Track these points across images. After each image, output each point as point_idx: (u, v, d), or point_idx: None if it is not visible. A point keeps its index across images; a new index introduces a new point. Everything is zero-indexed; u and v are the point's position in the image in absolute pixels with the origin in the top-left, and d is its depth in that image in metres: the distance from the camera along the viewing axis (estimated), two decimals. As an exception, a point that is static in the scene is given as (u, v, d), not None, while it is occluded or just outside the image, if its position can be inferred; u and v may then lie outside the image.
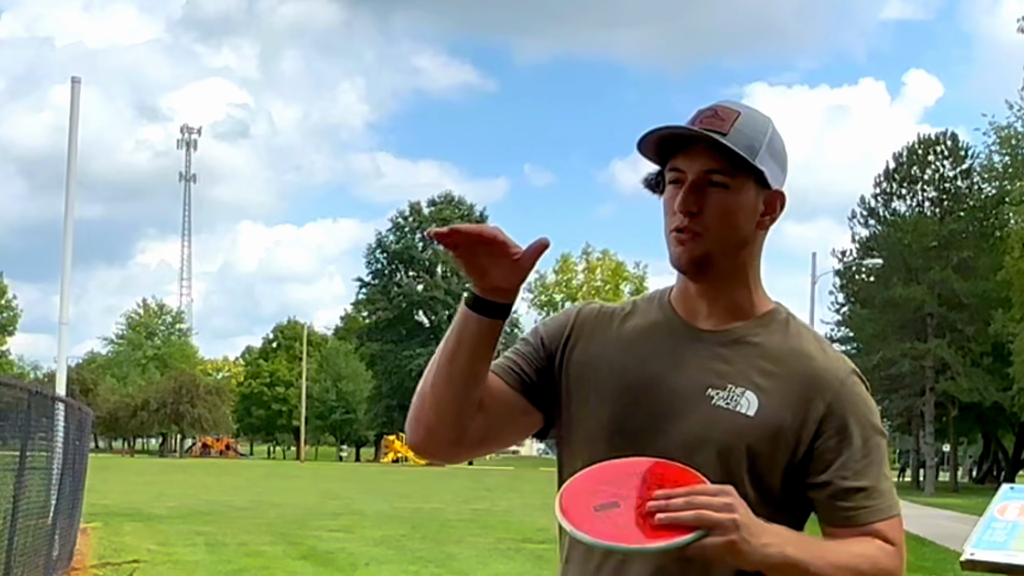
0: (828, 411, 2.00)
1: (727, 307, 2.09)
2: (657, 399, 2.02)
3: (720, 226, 2.00)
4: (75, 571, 13.04)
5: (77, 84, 17.00)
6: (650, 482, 1.82)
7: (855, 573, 1.92)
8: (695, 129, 1.98)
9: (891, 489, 2.05)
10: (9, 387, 10.98)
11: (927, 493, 55.64)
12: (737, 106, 2.04)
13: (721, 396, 2.00)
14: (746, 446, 1.96)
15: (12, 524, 9.56)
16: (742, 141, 1.98)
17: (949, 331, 57.75)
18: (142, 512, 23.41)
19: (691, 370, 2.04)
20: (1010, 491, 4.12)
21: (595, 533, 1.74)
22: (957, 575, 14.48)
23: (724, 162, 1.97)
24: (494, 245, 1.86)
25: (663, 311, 2.14)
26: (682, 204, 1.99)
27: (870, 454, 2.01)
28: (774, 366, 2.04)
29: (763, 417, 1.98)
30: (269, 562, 14.54)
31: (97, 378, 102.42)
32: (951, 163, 61.37)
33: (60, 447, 12.74)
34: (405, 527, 21.07)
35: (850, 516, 1.99)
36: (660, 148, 2.04)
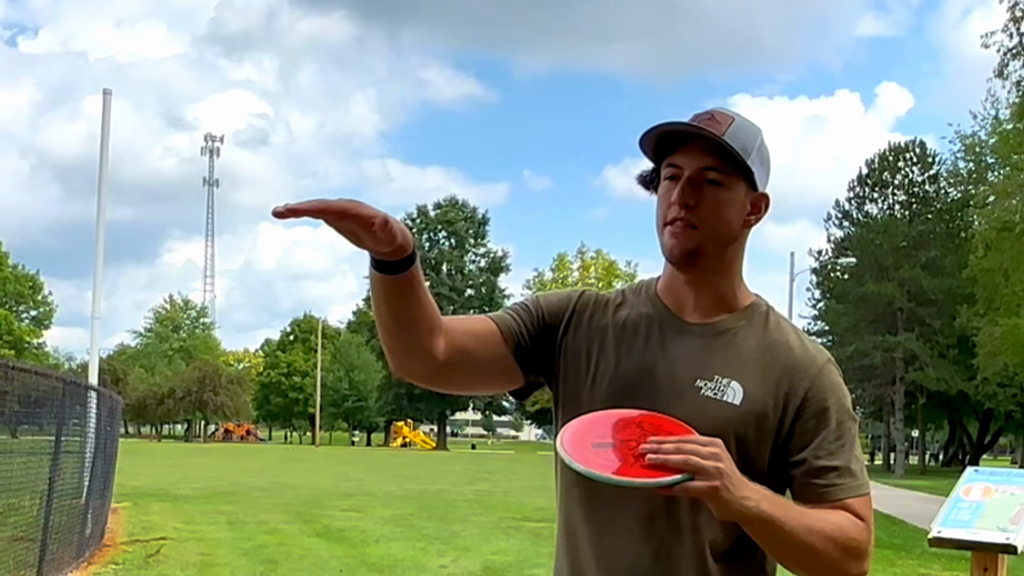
0: (806, 397, 2.02)
1: (712, 300, 2.09)
2: (649, 388, 2.03)
3: (713, 220, 2.01)
4: (106, 548, 13.03)
5: (108, 96, 16.98)
6: (646, 429, 1.86)
7: (825, 538, 1.93)
8: (697, 126, 1.98)
9: (862, 470, 2.06)
10: (45, 377, 10.99)
11: (897, 475, 55.60)
12: (731, 113, 2.05)
13: (709, 387, 2.02)
14: (734, 433, 1.97)
15: (48, 504, 9.57)
16: (737, 143, 1.99)
17: (918, 325, 57.73)
18: (168, 493, 23.39)
19: (680, 361, 2.05)
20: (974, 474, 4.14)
21: (589, 464, 1.77)
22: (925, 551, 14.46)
23: (720, 160, 1.99)
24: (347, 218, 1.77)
25: (652, 303, 2.14)
26: (679, 196, 1.99)
27: (843, 436, 2.03)
28: (757, 357, 2.05)
29: (748, 406, 2.00)
30: (286, 539, 14.53)
31: (127, 368, 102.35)
32: (919, 169, 61.34)
33: (92, 432, 12.74)
34: (413, 507, 21.06)
35: (823, 492, 2.00)
36: (658, 146, 2.05)
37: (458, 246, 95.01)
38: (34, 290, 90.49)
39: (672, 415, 1.95)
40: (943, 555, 13.24)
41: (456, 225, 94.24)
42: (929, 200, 60.64)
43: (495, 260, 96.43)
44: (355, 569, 11.67)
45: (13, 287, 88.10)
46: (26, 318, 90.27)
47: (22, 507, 9.25)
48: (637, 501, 1.95)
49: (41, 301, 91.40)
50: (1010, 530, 3.69)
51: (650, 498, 1.90)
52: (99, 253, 16.46)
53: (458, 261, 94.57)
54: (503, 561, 12.66)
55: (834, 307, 63.22)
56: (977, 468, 4.18)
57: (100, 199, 16.57)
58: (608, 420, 1.90)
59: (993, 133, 46.23)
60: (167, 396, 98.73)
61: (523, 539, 15.27)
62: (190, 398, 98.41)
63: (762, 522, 1.85)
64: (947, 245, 56.18)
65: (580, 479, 1.87)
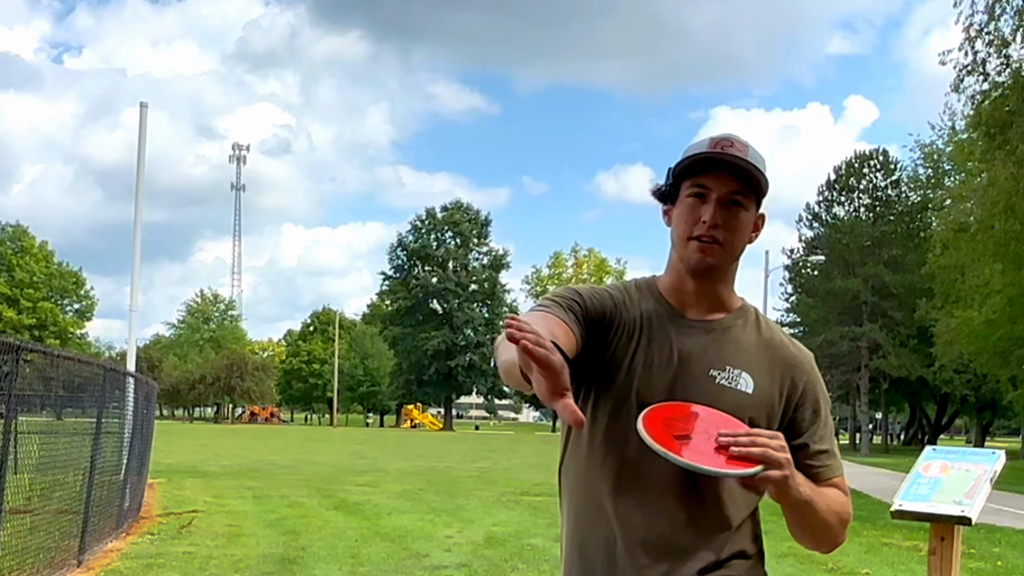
0: (804, 390, 2.15)
1: (711, 302, 2.14)
2: (671, 376, 2.09)
3: (734, 239, 2.07)
4: (143, 519, 13.04)
5: (145, 108, 16.96)
6: (709, 422, 1.94)
7: (835, 513, 2.09)
8: (732, 155, 2.01)
9: (839, 452, 2.21)
10: (87, 364, 10.99)
11: (862, 454, 55.67)
12: (743, 139, 2.08)
13: (723, 376, 2.08)
14: (748, 418, 2.02)
15: (90, 480, 9.58)
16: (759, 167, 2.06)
17: (881, 317, 57.79)
18: (199, 470, 23.40)
19: (693, 353, 2.10)
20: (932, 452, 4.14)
21: (689, 458, 1.84)
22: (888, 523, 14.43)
23: (742, 184, 2.04)
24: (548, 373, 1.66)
25: (658, 302, 2.17)
26: (712, 217, 2.03)
27: (829, 424, 2.18)
28: (759, 352, 2.14)
29: (759, 394, 2.09)
30: (307, 512, 14.54)
31: (162, 356, 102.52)
32: (882, 175, 61.33)
33: (130, 415, 12.74)
34: (421, 482, 21.07)
35: (818, 472, 2.12)
36: (687, 166, 2.07)
37: (463, 245, 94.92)
38: (77, 285, 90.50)
39: (692, 399, 2.02)
40: (904, 526, 13.27)
41: (461, 226, 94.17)
42: (891, 203, 60.62)
43: (496, 258, 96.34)
44: (369, 539, 11.67)
45: (58, 282, 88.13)
46: (70, 311, 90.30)
47: (66, 483, 9.26)
48: (669, 477, 1.98)
49: (84, 295, 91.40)
50: (965, 503, 3.69)
51: (680, 475, 1.95)
52: (136, 251, 16.46)
53: (463, 259, 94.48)
54: (504, 532, 12.67)
55: (805, 300, 63.19)
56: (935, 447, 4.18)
57: (137, 202, 16.56)
58: (671, 413, 1.96)
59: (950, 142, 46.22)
60: (198, 382, 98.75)
61: (522, 511, 15.28)
62: (219, 383, 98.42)
63: (805, 504, 1.99)
64: (907, 244, 56.23)
65: (610, 457, 2.05)
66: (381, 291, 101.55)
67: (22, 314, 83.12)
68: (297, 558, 10.06)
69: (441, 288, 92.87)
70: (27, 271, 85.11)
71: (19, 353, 7.13)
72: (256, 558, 10.02)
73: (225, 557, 10.04)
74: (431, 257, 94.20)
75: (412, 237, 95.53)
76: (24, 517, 8.11)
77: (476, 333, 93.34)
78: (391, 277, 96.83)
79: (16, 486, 7.72)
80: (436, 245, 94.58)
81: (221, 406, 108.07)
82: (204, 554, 10.18)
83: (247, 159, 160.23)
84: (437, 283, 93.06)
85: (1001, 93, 23.88)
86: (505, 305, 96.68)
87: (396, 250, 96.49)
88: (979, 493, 3.71)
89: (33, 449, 8.37)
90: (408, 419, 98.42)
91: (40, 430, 8.83)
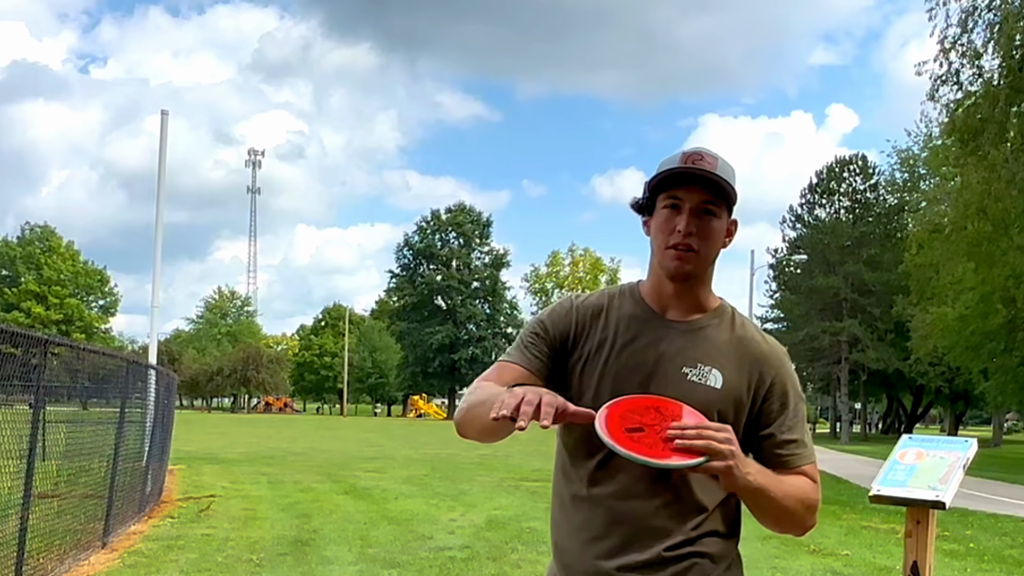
0: (772, 383, 2.16)
1: (690, 304, 2.18)
2: (645, 376, 2.13)
3: (707, 245, 2.11)
4: (164, 504, 13.04)
5: (166, 116, 16.94)
6: (664, 414, 1.97)
7: (795, 499, 2.10)
8: (701, 169, 2.06)
9: (811, 441, 2.20)
10: (111, 357, 10.99)
11: (842, 442, 55.65)
12: (713, 152, 2.13)
13: (694, 373, 2.12)
14: (716, 411, 2.07)
15: (114, 466, 9.58)
16: (725, 178, 2.08)
17: (860, 313, 57.77)
18: (217, 457, 23.42)
19: (668, 353, 2.14)
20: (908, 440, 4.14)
21: (631, 449, 1.88)
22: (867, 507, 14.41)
23: (713, 196, 2.08)
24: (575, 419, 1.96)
25: (638, 305, 2.21)
26: (687, 227, 2.08)
27: (798, 415, 2.17)
28: (731, 349, 2.16)
29: (727, 389, 2.12)
30: (318, 496, 14.55)
31: (181, 350, 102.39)
32: (861, 179, 61.31)
33: (152, 405, 12.75)
34: (426, 468, 21.07)
35: (785, 460, 2.14)
36: (660, 181, 2.11)
37: (466, 245, 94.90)
38: (102, 283, 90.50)
39: (664, 396, 2.05)
40: (882, 510, 13.27)
41: (464, 227, 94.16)
42: (870, 205, 60.61)
43: (497, 257, 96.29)
44: (377, 522, 11.68)
45: (84, 280, 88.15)
46: (95, 307, 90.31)
47: (92, 469, 9.26)
48: (641, 468, 1.98)
49: (108, 292, 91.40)
50: (939, 489, 3.68)
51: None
52: (157, 251, 16.44)
53: (466, 258, 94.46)
54: (504, 515, 12.67)
55: (788, 297, 63.18)
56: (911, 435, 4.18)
57: (159, 204, 16.54)
58: (631, 407, 1.99)
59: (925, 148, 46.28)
60: (216, 374, 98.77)
61: (522, 496, 15.28)
62: (236, 375, 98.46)
63: (756, 491, 2.01)
64: (885, 244, 56.20)
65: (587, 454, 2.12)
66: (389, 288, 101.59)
67: (50, 310, 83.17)
68: (309, 540, 10.07)
69: (445, 285, 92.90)
70: (54, 269, 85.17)
71: (47, 347, 7.13)
72: (271, 540, 10.02)
73: (241, 539, 10.04)
74: (436, 256, 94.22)
75: (418, 237, 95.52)
76: (52, 501, 8.11)
77: (478, 328, 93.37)
78: (398, 275, 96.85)
79: (44, 472, 7.72)
80: (440, 245, 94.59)
81: (237, 397, 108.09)
82: (221, 536, 10.19)
83: (262, 164, 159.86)
84: (441, 281, 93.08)
85: (974, 102, 23.88)
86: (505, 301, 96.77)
87: (403, 249, 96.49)
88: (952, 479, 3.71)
89: (60, 437, 8.38)
90: (414, 409, 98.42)
91: (67, 419, 8.85)
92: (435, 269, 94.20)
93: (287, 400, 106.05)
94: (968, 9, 23.52)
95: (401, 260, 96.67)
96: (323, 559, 8.94)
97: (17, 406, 7.31)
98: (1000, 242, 24.46)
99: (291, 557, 9.02)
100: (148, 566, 8.34)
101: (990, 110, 23.31)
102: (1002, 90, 23.10)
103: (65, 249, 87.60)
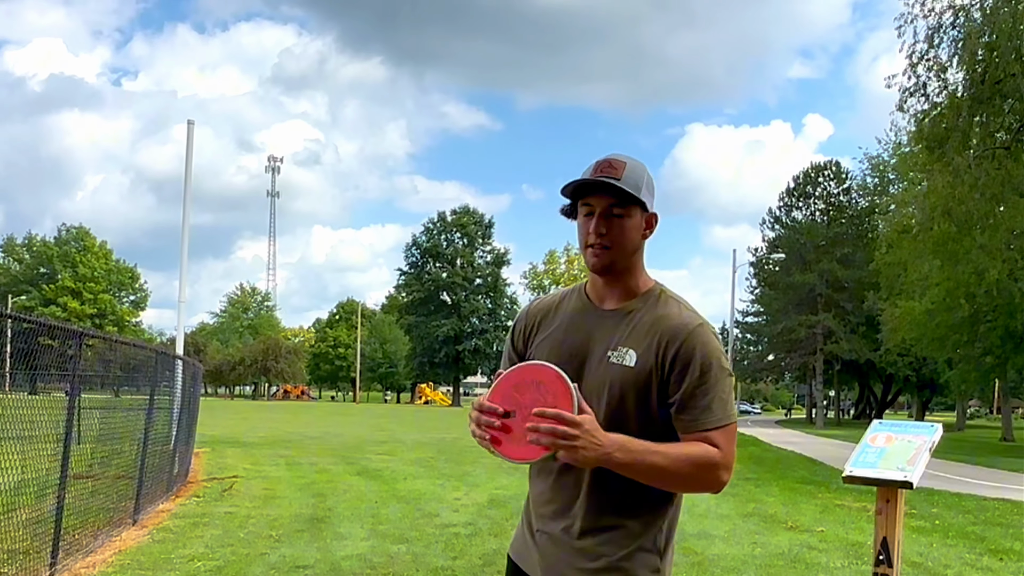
0: (677, 353, 2.17)
1: (622, 291, 2.29)
2: (580, 362, 2.24)
3: (620, 241, 2.22)
4: (190, 484, 13.05)
5: (191, 125, 16.95)
6: (544, 391, 2.04)
7: (687, 463, 2.11)
8: (601, 180, 2.17)
9: (724, 407, 2.17)
10: (141, 348, 11.00)
11: (818, 427, 55.66)
12: (624, 157, 2.23)
13: (615, 355, 2.22)
14: (632, 387, 2.18)
15: (144, 449, 9.59)
16: (631, 183, 2.19)
17: (834, 307, 57.74)
18: (239, 440, 23.41)
19: (598, 340, 2.26)
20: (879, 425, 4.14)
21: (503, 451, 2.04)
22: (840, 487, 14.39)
23: (620, 199, 2.20)
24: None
25: (581, 299, 2.36)
26: (595, 228, 2.21)
27: (706, 382, 2.15)
28: (648, 328, 2.23)
29: (640, 366, 2.19)
30: (333, 477, 14.55)
31: (206, 341, 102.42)
32: (835, 183, 61.22)
33: (179, 392, 12.75)
34: (433, 451, 21.07)
35: (688, 424, 2.16)
36: (575, 190, 2.24)
37: (469, 244, 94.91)
38: (133, 279, 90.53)
39: (592, 378, 2.20)
40: (854, 490, 13.28)
41: (468, 228, 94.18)
42: (843, 208, 60.54)
43: (499, 256, 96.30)
44: (387, 501, 11.68)
45: (116, 277, 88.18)
46: (126, 302, 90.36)
47: (123, 451, 9.27)
48: None
49: (138, 288, 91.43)
50: (907, 470, 3.68)
51: None
52: (184, 250, 16.44)
53: (469, 256, 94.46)
54: (505, 494, 12.68)
55: (767, 293, 63.17)
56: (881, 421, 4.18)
57: (185, 207, 16.54)
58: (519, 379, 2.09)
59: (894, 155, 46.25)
60: (238, 363, 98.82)
61: (521, 477, 15.25)
62: (256, 365, 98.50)
63: (624, 466, 2.07)
64: (857, 244, 56.15)
65: None
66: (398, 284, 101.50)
67: (84, 304, 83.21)
68: (325, 517, 10.07)
69: (450, 282, 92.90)
70: (89, 267, 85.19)
71: (81, 338, 7.13)
72: (289, 517, 10.03)
73: (262, 517, 10.05)
74: (441, 255, 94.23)
75: (425, 237, 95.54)
76: (86, 482, 8.12)
77: (480, 321, 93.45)
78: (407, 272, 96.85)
79: (79, 455, 7.73)
80: (446, 244, 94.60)
81: (258, 385, 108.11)
82: (243, 514, 10.19)
83: (281, 169, 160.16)
84: (446, 278, 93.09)
85: (939, 112, 23.87)
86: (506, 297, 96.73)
87: (411, 249, 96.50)
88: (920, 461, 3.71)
89: (94, 422, 8.38)
90: (421, 396, 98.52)
91: (100, 406, 8.85)
92: (441, 267, 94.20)
93: (304, 388, 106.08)
94: (934, 26, 23.51)
95: (410, 258, 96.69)
96: (337, 535, 8.95)
97: (54, 393, 7.31)
98: (964, 242, 24.45)
99: (308, 533, 9.02)
100: (175, 541, 8.34)
101: (955, 120, 23.30)
102: (966, 101, 23.10)
103: (99, 248, 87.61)
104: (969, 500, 14.03)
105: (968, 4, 23.07)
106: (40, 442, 6.55)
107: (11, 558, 6.33)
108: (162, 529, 9.01)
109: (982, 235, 23.91)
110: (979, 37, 22.49)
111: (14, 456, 5.95)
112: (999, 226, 24.12)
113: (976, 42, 22.52)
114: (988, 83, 22.56)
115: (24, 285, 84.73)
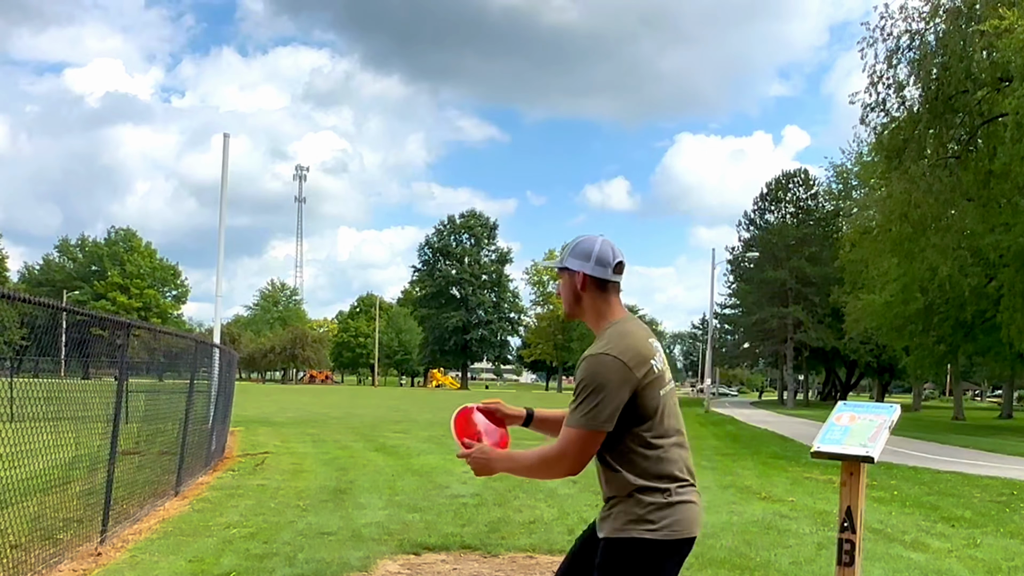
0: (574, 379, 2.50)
1: (593, 332, 2.56)
2: None
3: (564, 300, 2.63)
4: (226, 459, 13.06)
5: (227, 138, 16.90)
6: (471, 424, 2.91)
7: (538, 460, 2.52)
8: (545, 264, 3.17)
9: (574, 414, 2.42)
10: (183, 338, 10.99)
11: (788, 407, 55.65)
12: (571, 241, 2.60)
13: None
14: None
15: (185, 428, 9.59)
16: (560, 260, 2.58)
17: (803, 300, 57.69)
18: (270, 420, 23.43)
19: None
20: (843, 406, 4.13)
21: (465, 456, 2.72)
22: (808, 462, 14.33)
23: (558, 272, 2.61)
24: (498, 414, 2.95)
25: None
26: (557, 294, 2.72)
27: (576, 399, 2.42)
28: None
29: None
30: (354, 453, 14.56)
31: (241, 332, 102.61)
32: (804, 189, 61.15)
33: (216, 377, 12.74)
34: (443, 430, 21.04)
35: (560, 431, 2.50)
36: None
37: (476, 244, 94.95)
38: (175, 276, 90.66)
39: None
40: (821, 464, 13.27)
41: (475, 229, 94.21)
42: (811, 211, 60.44)
43: (503, 254, 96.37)
44: (402, 474, 11.69)
45: (160, 274, 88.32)
46: (169, 296, 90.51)
47: (166, 430, 9.27)
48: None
49: (180, 284, 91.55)
50: (869, 446, 3.67)
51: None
52: (221, 249, 16.43)
53: (476, 255, 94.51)
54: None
55: (743, 287, 63.11)
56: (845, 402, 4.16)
57: (222, 210, 16.50)
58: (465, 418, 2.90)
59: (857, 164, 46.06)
60: (269, 351, 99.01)
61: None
62: (285, 353, 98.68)
63: (507, 471, 2.60)
64: (823, 243, 56.06)
65: None
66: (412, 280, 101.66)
67: (131, 299, 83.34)
68: (347, 489, 10.08)
69: (459, 278, 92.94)
70: (135, 265, 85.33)
71: (129, 329, 7.12)
72: (315, 489, 10.03)
73: (290, 488, 10.05)
74: (451, 254, 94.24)
75: (436, 238, 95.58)
76: (133, 457, 8.13)
77: (486, 314, 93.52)
78: (420, 270, 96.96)
79: (127, 433, 7.73)
80: (455, 244, 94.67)
81: (287, 371, 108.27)
82: (274, 486, 10.20)
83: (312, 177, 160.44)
84: (456, 274, 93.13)
85: (897, 125, 23.84)
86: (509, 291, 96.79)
87: (424, 248, 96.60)
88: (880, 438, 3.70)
89: (140, 404, 8.38)
90: (433, 380, 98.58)
91: (145, 389, 8.84)
92: (450, 265, 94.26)
93: (328, 373, 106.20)
94: (893, 48, 23.46)
95: (422, 257, 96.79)
96: (358, 504, 8.95)
97: (104, 378, 7.31)
98: (919, 241, 24.42)
99: (331, 503, 9.02)
100: (213, 511, 8.34)
101: (911, 132, 23.27)
102: (921, 115, 23.07)
103: (144, 248, 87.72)
104: (924, 473, 14.02)
105: (923, 29, 23.03)
106: (92, 422, 6.55)
107: (66, 525, 6.33)
108: (201, 500, 9.02)
109: (935, 236, 23.88)
110: (933, 58, 22.46)
111: (69, 434, 5.96)
112: (950, 228, 24.11)
113: (931, 63, 22.48)
114: (941, 99, 22.52)
115: (77, 281, 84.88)
